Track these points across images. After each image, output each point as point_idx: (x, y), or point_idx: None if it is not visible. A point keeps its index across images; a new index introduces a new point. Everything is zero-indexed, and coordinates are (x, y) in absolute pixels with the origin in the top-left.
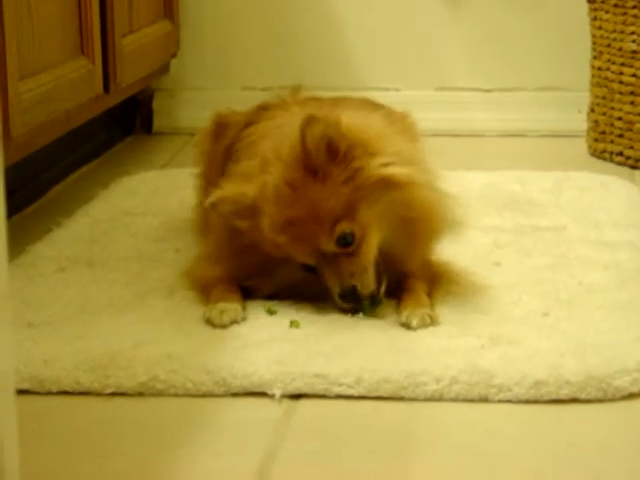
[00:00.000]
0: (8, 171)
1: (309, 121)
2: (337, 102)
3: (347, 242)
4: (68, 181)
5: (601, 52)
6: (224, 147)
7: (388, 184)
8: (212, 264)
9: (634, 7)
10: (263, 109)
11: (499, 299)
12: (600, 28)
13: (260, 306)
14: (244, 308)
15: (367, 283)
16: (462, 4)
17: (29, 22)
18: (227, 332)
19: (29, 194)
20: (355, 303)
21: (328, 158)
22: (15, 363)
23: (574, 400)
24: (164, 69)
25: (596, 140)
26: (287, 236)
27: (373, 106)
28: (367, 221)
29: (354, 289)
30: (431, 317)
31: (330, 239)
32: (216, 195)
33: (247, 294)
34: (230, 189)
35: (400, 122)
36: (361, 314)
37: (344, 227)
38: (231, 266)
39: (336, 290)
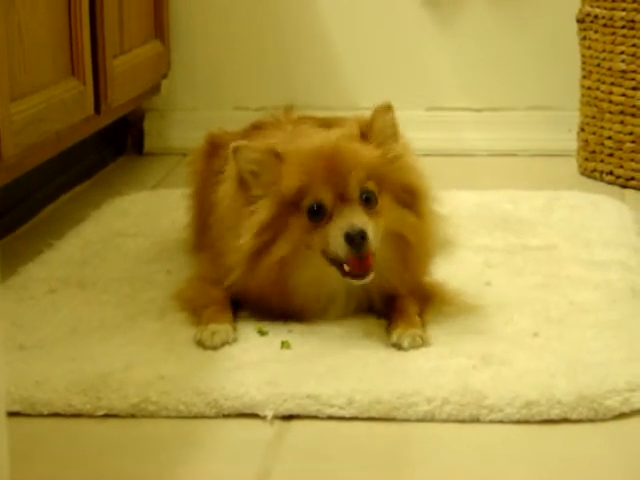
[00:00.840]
0: None
1: (388, 106)
2: (331, 122)
3: (369, 200)
4: (59, 202)
5: (590, 72)
6: (217, 167)
7: (410, 190)
8: (205, 284)
9: (623, 27)
10: (256, 128)
11: (490, 319)
12: (589, 48)
13: (251, 327)
14: (235, 329)
15: (375, 240)
16: (453, 25)
17: (20, 43)
18: (218, 353)
19: (20, 215)
20: (357, 249)
21: (386, 139)
22: (6, 385)
23: (565, 420)
24: (155, 89)
25: (586, 159)
26: (322, 164)
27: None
28: (383, 207)
29: (363, 233)
30: (422, 338)
31: (359, 185)
32: (243, 142)
33: (237, 314)
34: (257, 141)
35: None
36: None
37: (373, 187)
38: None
39: (343, 230)
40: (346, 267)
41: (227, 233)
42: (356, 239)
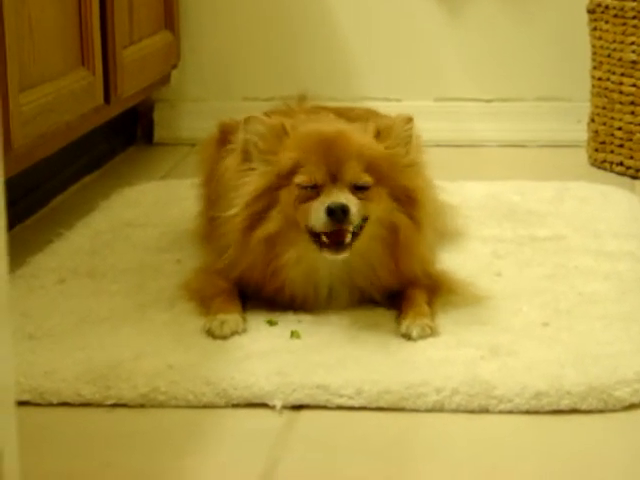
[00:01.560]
0: (9, 182)
1: (409, 118)
2: (343, 111)
3: (361, 189)
4: (69, 192)
5: (601, 62)
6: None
7: (411, 195)
8: (213, 275)
9: (634, 17)
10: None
11: (499, 309)
12: (600, 38)
13: (261, 317)
14: (244, 319)
15: (357, 216)
16: (462, 15)
17: (30, 34)
18: (228, 343)
19: (30, 205)
20: (339, 223)
21: (401, 145)
22: (16, 375)
23: (575, 411)
24: (165, 80)
25: (596, 150)
26: (322, 145)
27: (377, 116)
28: (376, 197)
29: (345, 207)
30: (431, 328)
31: (355, 172)
32: (254, 115)
33: (247, 304)
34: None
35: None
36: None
37: (368, 179)
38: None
39: (326, 203)
40: (323, 238)
41: (226, 205)
42: (337, 212)
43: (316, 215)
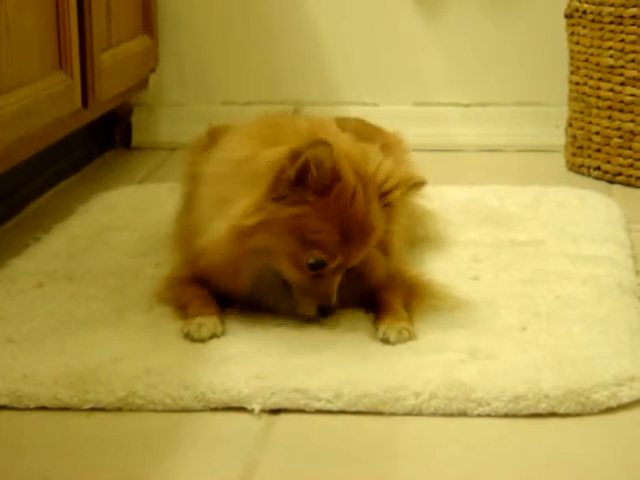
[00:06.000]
0: None
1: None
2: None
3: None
4: (47, 196)
5: (578, 67)
6: None
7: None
8: (185, 281)
9: (611, 22)
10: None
11: (478, 313)
12: (578, 43)
13: (238, 320)
14: (222, 322)
15: None
16: (441, 19)
17: (7, 37)
18: (206, 346)
19: (7, 209)
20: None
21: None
22: None
23: (553, 414)
24: (143, 84)
25: (574, 155)
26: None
27: (366, 127)
28: None
29: (335, 308)
30: (409, 331)
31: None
32: (330, 143)
33: (225, 308)
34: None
35: (390, 140)
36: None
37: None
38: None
39: (316, 302)
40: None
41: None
42: (326, 314)
43: (303, 303)
